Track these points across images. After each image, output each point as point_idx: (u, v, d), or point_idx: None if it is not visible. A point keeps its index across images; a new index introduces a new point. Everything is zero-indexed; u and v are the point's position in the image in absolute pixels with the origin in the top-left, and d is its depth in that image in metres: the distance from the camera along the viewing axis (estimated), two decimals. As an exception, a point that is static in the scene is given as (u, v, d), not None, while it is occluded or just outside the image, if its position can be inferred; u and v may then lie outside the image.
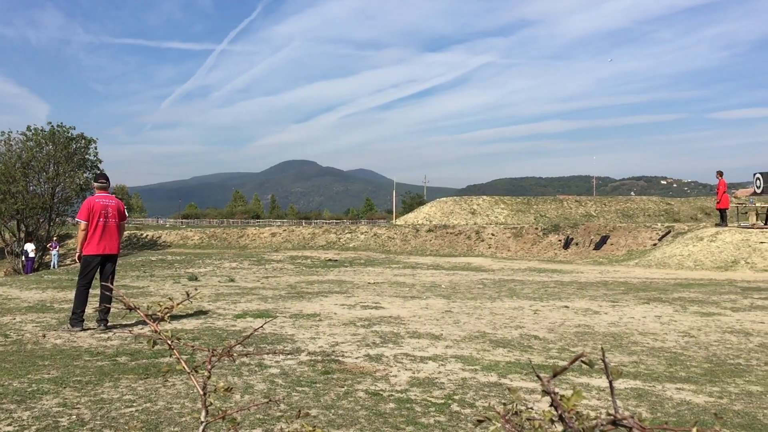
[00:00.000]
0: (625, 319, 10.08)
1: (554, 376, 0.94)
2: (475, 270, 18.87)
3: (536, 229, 26.56)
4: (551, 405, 0.88)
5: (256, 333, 8.52)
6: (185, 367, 1.14)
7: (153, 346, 1.17)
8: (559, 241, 25.15)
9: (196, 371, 1.17)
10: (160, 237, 31.06)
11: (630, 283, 15.40)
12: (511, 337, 8.59)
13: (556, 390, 0.94)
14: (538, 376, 0.93)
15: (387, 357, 7.23)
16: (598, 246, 24.13)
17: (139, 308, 1.19)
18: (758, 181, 22.35)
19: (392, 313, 10.59)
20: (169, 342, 1.14)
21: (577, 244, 24.68)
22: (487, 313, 10.60)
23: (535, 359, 7.28)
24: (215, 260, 21.51)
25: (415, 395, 5.67)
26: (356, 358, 7.16)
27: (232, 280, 15.47)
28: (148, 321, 1.19)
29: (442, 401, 5.48)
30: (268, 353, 7.08)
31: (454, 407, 5.32)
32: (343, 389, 5.79)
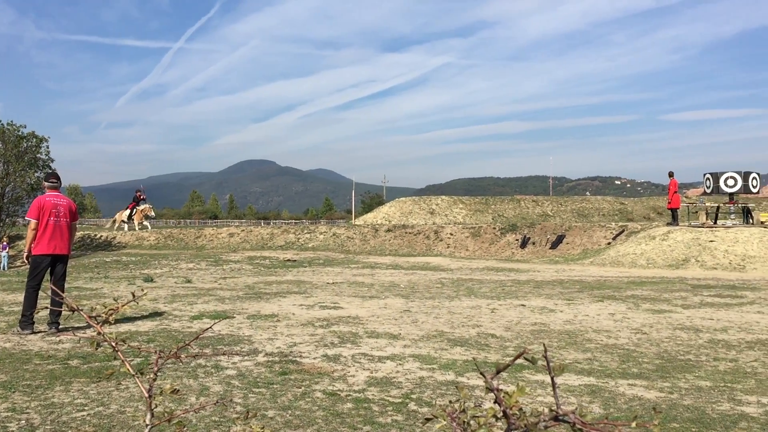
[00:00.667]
0: (580, 317, 10.25)
1: (497, 373, 0.95)
2: (433, 269, 18.98)
3: (494, 228, 26.83)
4: (495, 401, 0.89)
5: (212, 334, 8.43)
6: (130, 369, 1.12)
7: (96, 348, 1.14)
8: (517, 240, 25.44)
9: (142, 374, 1.15)
10: (114, 238, 30.49)
11: (585, 281, 15.67)
12: (469, 336, 8.66)
13: (500, 387, 0.95)
14: (481, 374, 0.94)
15: (345, 357, 7.22)
16: (555, 245, 24.49)
17: (82, 310, 1.17)
18: (708, 181, 22.94)
19: (351, 313, 10.58)
20: (113, 344, 1.12)
21: (534, 243, 25.00)
22: (445, 313, 10.67)
23: (492, 357, 7.36)
24: (172, 261, 21.20)
25: (372, 395, 5.67)
26: (314, 358, 7.14)
27: (189, 281, 15.27)
28: (91, 323, 1.16)
29: (400, 400, 5.50)
30: (223, 354, 7.01)
31: (412, 406, 5.35)
32: (300, 390, 5.77)
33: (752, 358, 7.41)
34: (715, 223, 22.18)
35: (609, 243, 23.62)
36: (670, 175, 23.75)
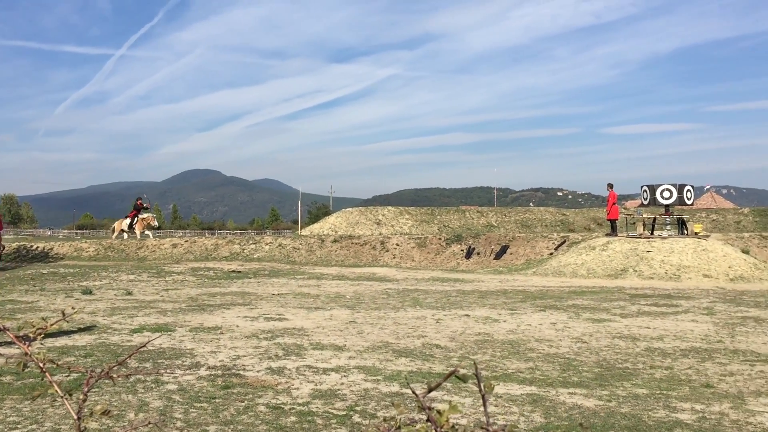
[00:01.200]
0: (523, 327, 10.41)
1: (429, 392, 0.96)
2: (379, 280, 19.00)
3: (440, 239, 27.05)
4: (427, 420, 0.90)
5: (153, 348, 8.24)
6: (58, 390, 1.09)
7: (23, 369, 1.11)
8: (462, 250, 25.71)
9: (70, 395, 1.12)
10: (52, 249, 29.57)
11: (528, 291, 15.92)
12: (414, 347, 8.69)
13: (432, 405, 0.97)
14: (413, 393, 0.95)
15: (289, 369, 7.16)
16: (499, 255, 24.83)
17: (8, 329, 1.13)
18: (645, 193, 23.62)
19: (296, 324, 10.50)
20: (41, 366, 1.09)
21: (478, 253, 25.30)
22: (391, 323, 10.69)
23: (436, 368, 7.41)
24: (112, 273, 20.68)
25: (317, 407, 5.64)
26: (258, 371, 7.05)
27: (130, 293, 14.91)
28: (18, 343, 1.13)
29: (344, 413, 5.49)
30: (158, 374, 6.87)
31: (356, 418, 5.34)
32: (243, 404, 5.69)
33: (686, 366, 7.65)
34: (652, 233, 22.84)
35: (551, 253, 24.08)
36: (609, 187, 24.38)
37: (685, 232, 22.79)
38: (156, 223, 34.58)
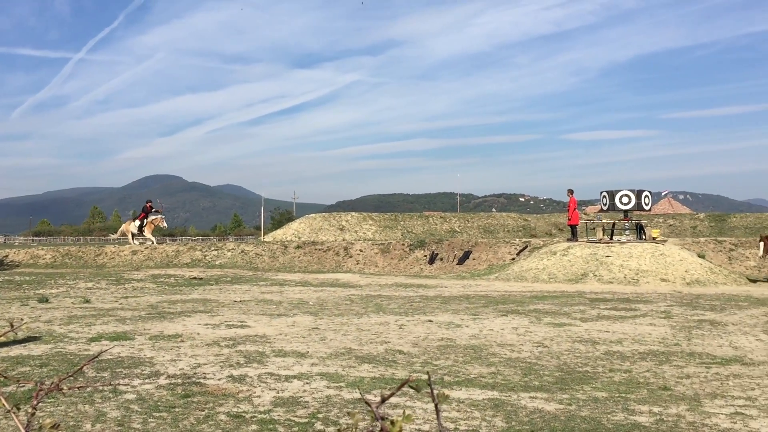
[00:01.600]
0: (485, 332, 10.48)
1: (382, 402, 0.96)
2: (343, 286, 18.96)
3: (403, 245, 27.12)
4: (380, 430, 0.90)
5: (111, 357, 8.09)
6: (5, 404, 1.06)
7: (-31, 383, 1.08)
8: (425, 256, 25.80)
9: (18, 408, 1.09)
10: (7, 256, 28.86)
11: (490, 296, 16.04)
12: (377, 353, 8.69)
13: (386, 415, 0.97)
14: (366, 403, 0.95)
15: (251, 377, 7.09)
16: (462, 261, 24.99)
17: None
18: (604, 199, 24.03)
19: (258, 331, 10.41)
20: (-13, 378, 1.06)
21: (441, 259, 25.42)
22: (354, 329, 10.67)
23: (399, 374, 7.41)
24: (69, 280, 20.25)
25: (278, 415, 5.60)
26: (219, 379, 6.97)
27: (88, 301, 14.62)
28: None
29: (306, 420, 5.45)
30: (109, 386, 6.75)
31: (318, 426, 5.31)
32: (203, 413, 5.62)
33: (645, 369, 7.78)
34: (611, 239, 23.23)
35: (513, 258, 24.32)
36: (570, 192, 24.75)
37: (644, 237, 23.23)
38: (165, 225, 33.74)
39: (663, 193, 71.98)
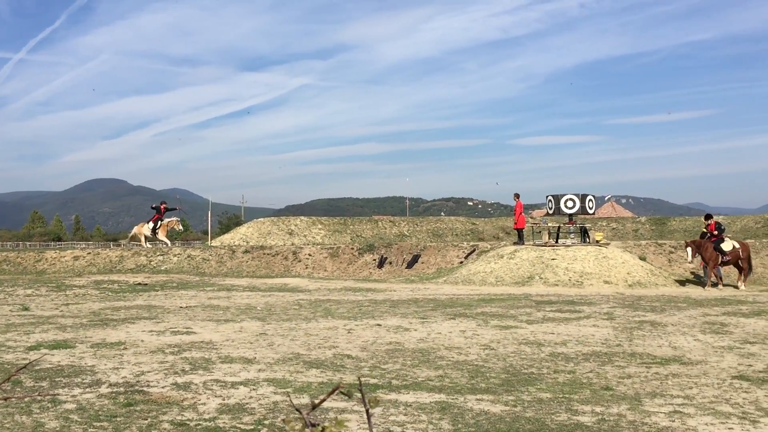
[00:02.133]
0: (433, 335, 10.54)
1: (313, 408, 0.96)
2: (291, 291, 18.83)
3: (352, 249, 27.09)
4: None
5: (51, 366, 7.86)
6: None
7: None
8: (374, 260, 25.83)
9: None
10: (-60, 262, 27.78)
11: (438, 299, 16.16)
12: (325, 358, 8.66)
13: (318, 422, 0.96)
14: (297, 410, 0.94)
15: (196, 384, 6.98)
16: (410, 265, 25.11)
17: None
18: (550, 203, 24.46)
19: (204, 338, 10.26)
20: None
21: (390, 263, 25.49)
22: (302, 334, 10.61)
23: (347, 378, 7.40)
24: (7, 287, 19.59)
25: (224, 423, 5.52)
26: (163, 387, 6.84)
27: (27, 309, 14.16)
28: None
29: (252, 427, 5.40)
30: (40, 396, 6.57)
31: (264, 432, 5.26)
32: (146, 422, 5.51)
33: (588, 370, 7.95)
34: (557, 242, 23.66)
35: (461, 262, 24.55)
36: (516, 197, 25.14)
37: (588, 241, 23.73)
38: (180, 227, 32.55)
39: (606, 198, 73.76)
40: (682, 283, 19.99)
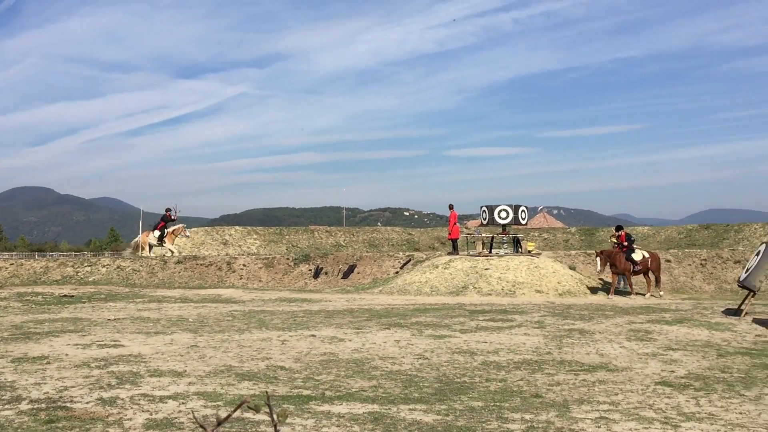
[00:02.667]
0: (368, 345, 10.54)
1: (218, 425, 0.95)
2: (225, 302, 18.52)
3: (288, 259, 26.86)
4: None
5: (-34, 382, 7.49)
6: None
7: None
8: (310, 270, 25.68)
9: None
10: None
11: (374, 309, 16.17)
12: (258, 370, 8.54)
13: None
14: (202, 427, 0.93)
15: (123, 399, 6.78)
16: (346, 275, 25.06)
17: None
18: (484, 213, 24.85)
19: (133, 351, 9.97)
20: None
21: (326, 273, 25.39)
22: (235, 346, 10.44)
23: (280, 390, 7.31)
24: None
25: (151, 438, 5.37)
26: (87, 402, 6.61)
27: (-58, 323, 13.47)
28: None
29: (180, 442, 5.27)
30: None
31: (193, 447, 5.14)
32: (68, 439, 5.31)
33: (519, 378, 8.09)
34: (490, 252, 24.04)
35: (397, 272, 24.65)
36: (450, 207, 25.45)
37: (520, 251, 24.19)
38: (188, 234, 31.06)
39: (539, 208, 75.29)
40: (594, 291, 20.54)
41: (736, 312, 15.02)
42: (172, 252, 28.98)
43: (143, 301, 18.89)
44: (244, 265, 26.32)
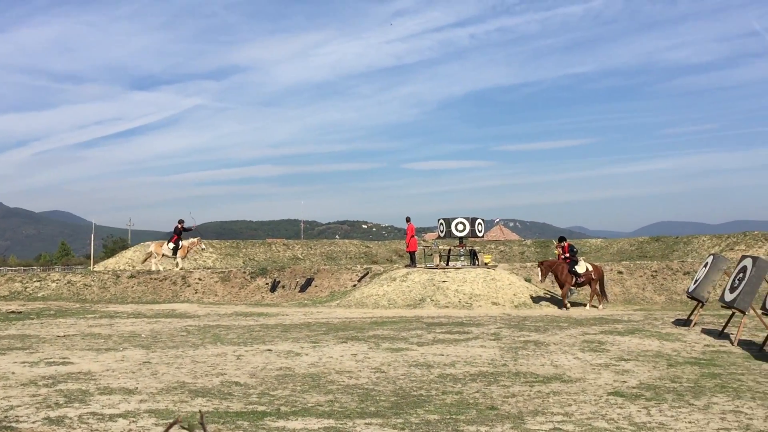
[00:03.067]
0: (325, 359, 10.48)
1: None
2: (179, 317, 18.21)
3: (244, 272, 26.58)
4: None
5: None
6: None
7: None
8: (267, 284, 25.44)
9: None
10: None
11: (331, 323, 16.09)
12: (212, 386, 8.41)
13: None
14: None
15: (71, 418, 6.60)
16: (304, 288, 24.90)
17: None
18: (441, 226, 25.00)
19: (83, 368, 9.73)
20: None
21: (283, 286, 25.19)
22: (189, 362, 10.27)
23: (234, 406, 7.21)
24: None
25: (99, 458, 5.23)
26: (33, 422, 6.42)
27: None
28: None
29: (130, 461, 5.15)
30: None
31: (143, 467, 5.02)
32: (13, 461, 5.14)
33: (475, 390, 8.13)
34: (447, 264, 24.17)
35: (355, 285, 24.60)
36: (408, 220, 25.54)
37: (477, 263, 24.38)
38: (203, 246, 29.87)
39: (495, 221, 76.10)
40: (549, 302, 20.82)
41: (685, 322, 15.37)
42: (182, 267, 27.88)
43: (94, 316, 18.46)
44: (200, 279, 25.95)
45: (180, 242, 28.09)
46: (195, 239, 29.12)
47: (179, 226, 28.21)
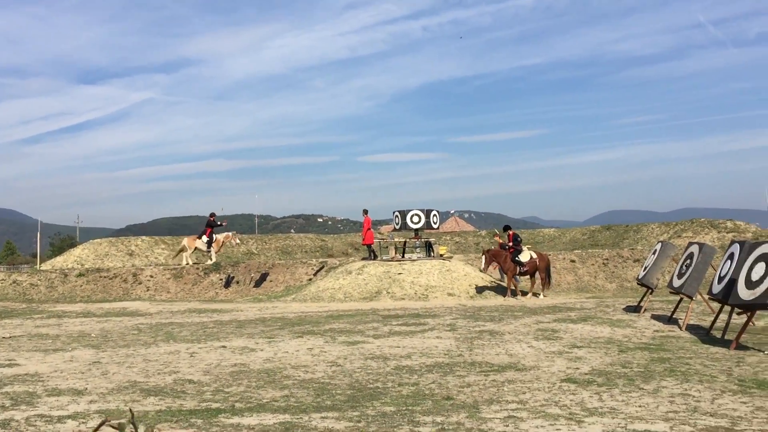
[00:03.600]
0: (280, 354, 10.39)
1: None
2: (130, 315, 17.86)
3: (197, 269, 26.19)
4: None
5: None
6: None
7: None
8: (221, 280, 25.13)
9: None
10: None
11: (287, 318, 15.97)
12: (165, 384, 8.25)
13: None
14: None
15: (17, 421, 6.39)
16: (258, 283, 24.67)
17: None
18: (397, 218, 25.03)
19: (29, 370, 9.45)
20: None
21: (238, 282, 24.91)
22: (140, 361, 10.06)
23: (188, 404, 7.09)
24: None
25: (46, 462, 5.08)
26: (-23, 427, 6.20)
27: None
28: None
29: (79, 464, 5.01)
30: None
31: (93, 469, 4.89)
32: (-46, 468, 4.95)
33: (430, 381, 8.15)
34: (403, 257, 24.23)
35: (310, 279, 24.47)
36: (365, 212, 25.49)
37: (432, 255, 24.50)
38: (237, 241, 28.70)
39: (450, 213, 76.67)
40: (480, 290, 20.97)
41: (636, 309, 15.72)
42: (213, 261, 27.11)
43: (41, 317, 17.98)
44: (151, 276, 25.49)
45: (214, 236, 27.48)
46: (230, 233, 28.61)
47: (211, 218, 27.50)
